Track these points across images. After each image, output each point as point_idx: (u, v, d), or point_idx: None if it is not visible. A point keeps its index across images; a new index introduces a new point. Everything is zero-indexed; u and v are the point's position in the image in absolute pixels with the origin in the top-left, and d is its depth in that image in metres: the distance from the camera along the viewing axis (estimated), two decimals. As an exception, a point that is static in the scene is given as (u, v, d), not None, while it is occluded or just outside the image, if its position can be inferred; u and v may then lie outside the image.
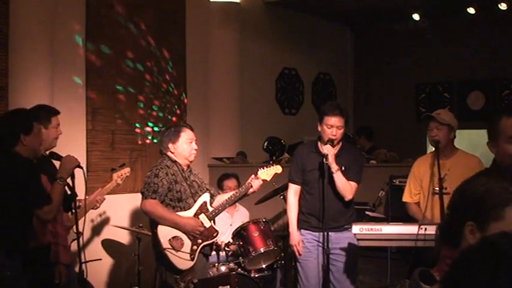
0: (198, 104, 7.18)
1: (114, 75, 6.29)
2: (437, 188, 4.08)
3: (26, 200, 3.50)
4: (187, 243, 4.36)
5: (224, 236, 5.25)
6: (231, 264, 4.76)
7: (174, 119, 6.85)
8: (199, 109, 7.18)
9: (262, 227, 4.92)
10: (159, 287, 4.61)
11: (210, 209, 4.49)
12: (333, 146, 4.25)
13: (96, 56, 6.14)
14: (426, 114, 4.47)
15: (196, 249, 4.38)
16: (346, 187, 4.33)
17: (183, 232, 4.35)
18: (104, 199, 4.89)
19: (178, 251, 4.30)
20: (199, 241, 4.40)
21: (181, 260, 4.31)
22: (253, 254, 4.80)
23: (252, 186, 4.52)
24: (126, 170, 5.09)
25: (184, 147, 4.44)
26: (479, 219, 1.66)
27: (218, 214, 4.54)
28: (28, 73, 5.37)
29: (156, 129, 6.57)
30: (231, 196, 4.54)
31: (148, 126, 6.54)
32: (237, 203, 5.46)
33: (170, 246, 4.30)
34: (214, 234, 4.47)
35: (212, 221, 4.49)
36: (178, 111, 6.94)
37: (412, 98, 9.41)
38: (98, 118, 6.15)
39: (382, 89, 9.66)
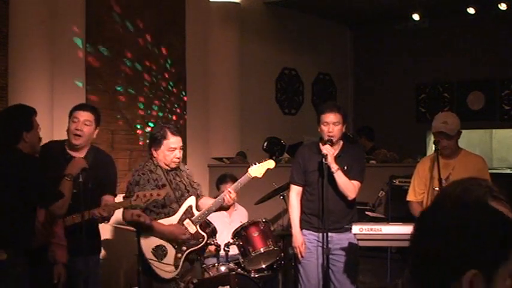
0: (198, 104, 7.17)
1: (113, 75, 6.29)
2: (437, 188, 4.08)
3: (34, 198, 3.48)
4: (171, 252, 4.24)
5: (223, 236, 5.24)
6: (231, 264, 4.74)
7: (174, 117, 6.85)
8: (199, 109, 7.18)
9: (262, 227, 4.90)
10: None
11: (196, 213, 4.34)
12: (332, 145, 4.25)
13: (96, 56, 6.13)
14: (435, 132, 4.19)
15: (181, 257, 4.26)
16: (349, 186, 4.31)
17: (167, 240, 4.23)
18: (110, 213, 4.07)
19: (161, 262, 4.20)
20: (184, 248, 4.27)
21: (164, 271, 4.21)
22: (253, 254, 4.79)
23: (224, 200, 4.40)
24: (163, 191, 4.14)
25: (166, 153, 4.27)
26: (485, 264, 1.12)
27: (204, 219, 4.40)
28: (28, 73, 5.36)
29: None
30: (205, 209, 4.39)
31: (148, 126, 6.53)
32: (235, 202, 5.44)
33: (153, 257, 4.19)
34: (201, 240, 4.33)
35: (198, 226, 4.33)
36: (178, 111, 6.94)
37: (412, 98, 9.41)
38: (98, 118, 6.14)
39: (382, 89, 9.65)
